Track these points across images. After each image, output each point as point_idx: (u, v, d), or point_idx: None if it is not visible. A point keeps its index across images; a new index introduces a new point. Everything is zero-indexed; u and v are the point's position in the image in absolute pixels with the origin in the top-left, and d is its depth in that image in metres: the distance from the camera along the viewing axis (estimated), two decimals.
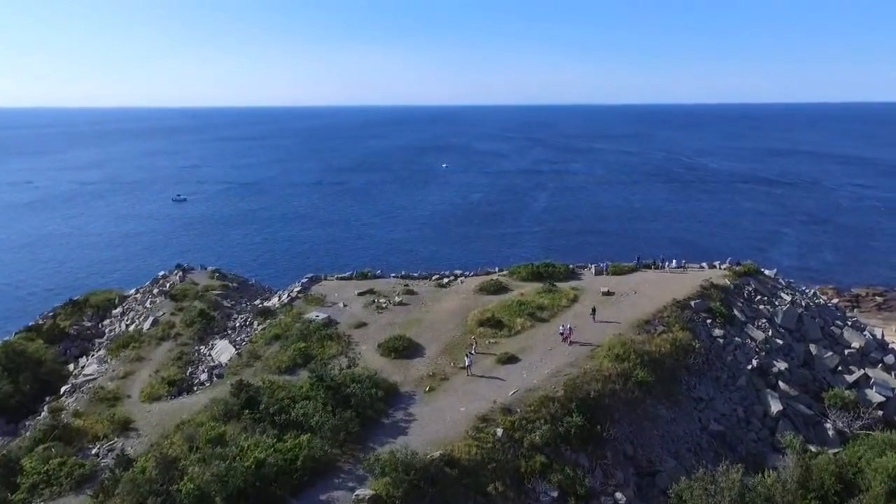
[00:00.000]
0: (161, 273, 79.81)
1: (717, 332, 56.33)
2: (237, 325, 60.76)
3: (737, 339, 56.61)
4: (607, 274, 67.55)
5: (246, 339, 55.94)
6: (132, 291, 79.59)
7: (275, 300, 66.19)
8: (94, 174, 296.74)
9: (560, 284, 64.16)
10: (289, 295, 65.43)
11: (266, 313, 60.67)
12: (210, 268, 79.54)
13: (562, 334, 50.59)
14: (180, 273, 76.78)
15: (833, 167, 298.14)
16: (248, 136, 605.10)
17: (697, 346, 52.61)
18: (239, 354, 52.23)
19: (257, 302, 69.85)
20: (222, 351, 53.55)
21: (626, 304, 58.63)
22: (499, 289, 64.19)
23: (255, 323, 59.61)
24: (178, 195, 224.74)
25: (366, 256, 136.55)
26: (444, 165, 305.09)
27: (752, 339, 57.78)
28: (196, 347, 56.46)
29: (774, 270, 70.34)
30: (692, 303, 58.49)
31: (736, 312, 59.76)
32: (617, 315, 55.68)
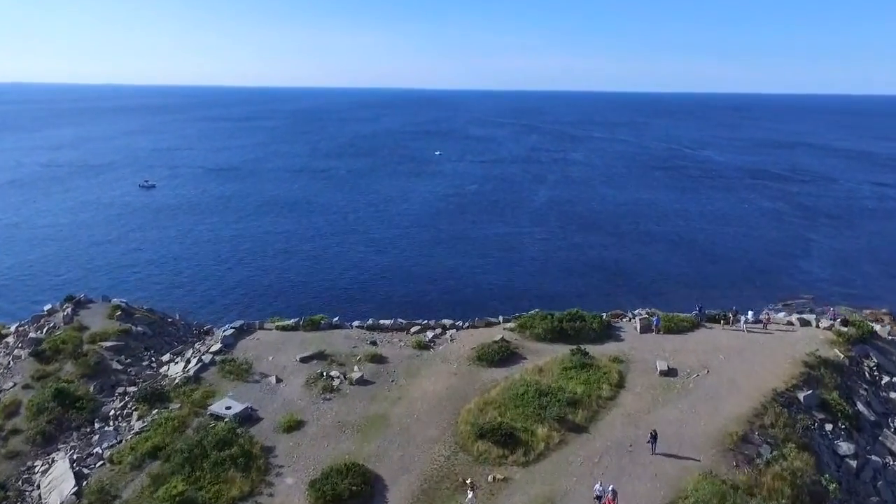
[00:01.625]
0: (47, 307, 57.65)
1: (844, 447, 35.51)
2: (112, 413, 39.32)
3: (873, 457, 35.73)
4: (658, 331, 46.59)
5: (108, 450, 34.57)
6: (13, 328, 57.77)
7: (178, 367, 44.51)
8: (63, 155, 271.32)
9: (594, 350, 43.14)
10: (199, 360, 43.69)
11: (154, 398, 39.19)
12: (114, 300, 57.38)
13: (598, 498, 29.32)
14: (69, 308, 54.79)
15: (842, 162, 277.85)
16: (236, 116, 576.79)
17: (832, 486, 31.78)
18: (77, 495, 30.85)
19: (166, 359, 48.29)
20: (56, 482, 32.02)
21: (698, 397, 37.52)
22: (506, 356, 43.06)
23: (136, 415, 38.24)
24: (146, 181, 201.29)
25: (340, 267, 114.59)
26: (437, 153, 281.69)
27: (893, 454, 37.23)
28: (30, 464, 35.05)
29: (888, 328, 49.69)
30: (801, 396, 37.74)
31: (861, 407, 38.90)
32: (690, 422, 34.56)
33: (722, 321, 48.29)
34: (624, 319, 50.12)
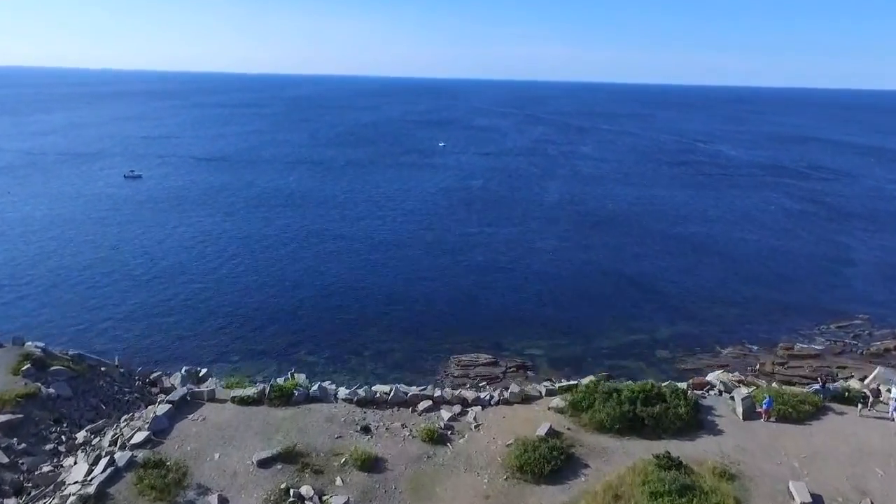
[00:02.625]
0: None
1: None
2: None
3: None
4: (768, 417, 32.52)
5: None
6: None
7: (79, 472, 30.08)
8: (50, 141, 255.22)
9: (685, 451, 28.89)
10: (109, 462, 29.28)
11: None
12: (28, 344, 42.98)
13: None
14: None
15: (858, 159, 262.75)
16: (234, 103, 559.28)
17: None
18: None
19: (81, 438, 33.98)
20: None
21: None
22: (558, 465, 28.83)
23: None
24: (132, 171, 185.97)
25: (333, 283, 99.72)
26: (440, 144, 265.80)
27: None
28: None
29: None
30: None
31: None
32: None
33: (859, 403, 33.84)
34: (712, 392, 35.75)
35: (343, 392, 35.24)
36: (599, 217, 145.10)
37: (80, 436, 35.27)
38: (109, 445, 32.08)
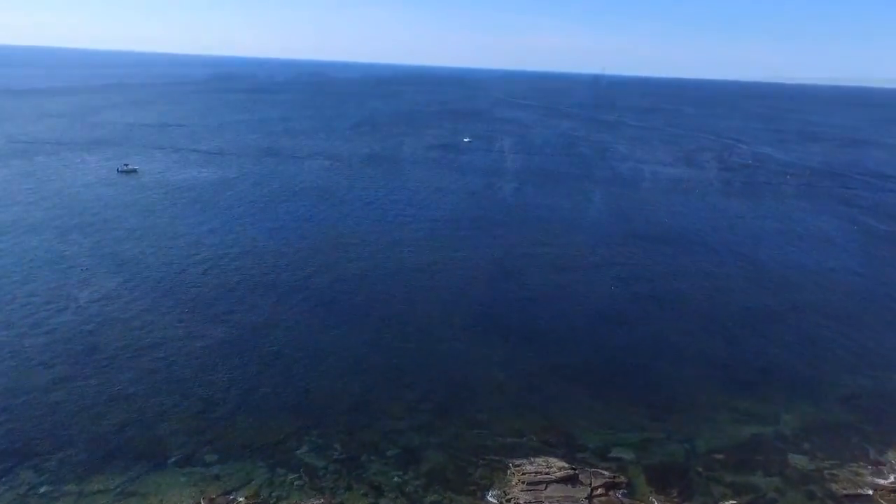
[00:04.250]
0: None
1: None
2: None
3: None
4: None
5: None
6: None
7: None
8: (46, 126, 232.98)
9: None
10: None
11: None
12: None
13: None
14: None
15: None
16: (248, 88, 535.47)
17: None
18: None
19: None
20: None
21: None
22: None
23: None
24: (126, 165, 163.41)
25: (339, 341, 76.88)
26: (466, 139, 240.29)
27: None
28: None
29: None
30: None
31: None
32: None
33: None
34: None
35: None
36: (659, 236, 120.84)
37: None
38: None
